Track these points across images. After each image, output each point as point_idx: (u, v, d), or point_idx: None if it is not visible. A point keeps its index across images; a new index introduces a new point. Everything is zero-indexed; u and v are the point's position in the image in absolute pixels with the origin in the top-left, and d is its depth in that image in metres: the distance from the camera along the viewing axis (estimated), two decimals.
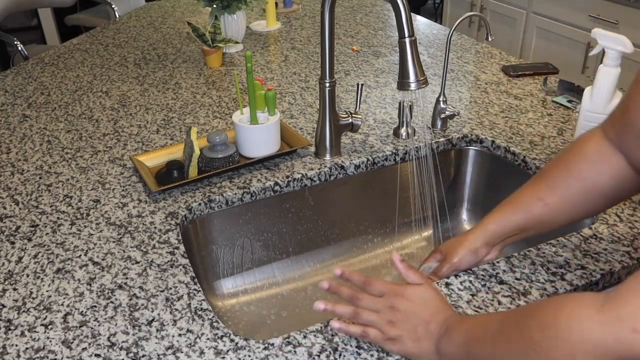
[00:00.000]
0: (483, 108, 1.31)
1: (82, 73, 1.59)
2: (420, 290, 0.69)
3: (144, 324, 0.75)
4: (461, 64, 1.57)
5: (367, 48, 1.72)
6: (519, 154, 1.12)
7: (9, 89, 1.50)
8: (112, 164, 1.12)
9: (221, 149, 1.07)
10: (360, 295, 0.69)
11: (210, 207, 1.01)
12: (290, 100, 1.38)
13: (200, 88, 1.46)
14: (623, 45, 0.96)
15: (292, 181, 1.06)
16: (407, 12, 0.85)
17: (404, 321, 0.66)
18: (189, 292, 0.80)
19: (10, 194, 1.03)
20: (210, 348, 0.71)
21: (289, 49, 1.75)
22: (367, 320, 0.67)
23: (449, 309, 0.68)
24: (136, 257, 0.87)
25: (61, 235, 0.92)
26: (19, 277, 0.83)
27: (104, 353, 0.70)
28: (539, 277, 0.81)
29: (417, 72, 0.87)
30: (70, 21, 3.37)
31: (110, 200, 1.00)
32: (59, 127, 1.28)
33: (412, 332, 0.66)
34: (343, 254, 1.18)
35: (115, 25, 2.04)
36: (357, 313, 0.68)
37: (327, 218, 1.15)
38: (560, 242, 0.87)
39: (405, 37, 0.86)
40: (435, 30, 1.87)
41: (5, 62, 3.13)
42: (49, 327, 0.74)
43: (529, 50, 2.82)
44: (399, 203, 1.21)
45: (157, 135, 1.23)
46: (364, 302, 0.69)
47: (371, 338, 0.67)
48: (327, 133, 1.09)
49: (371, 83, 1.46)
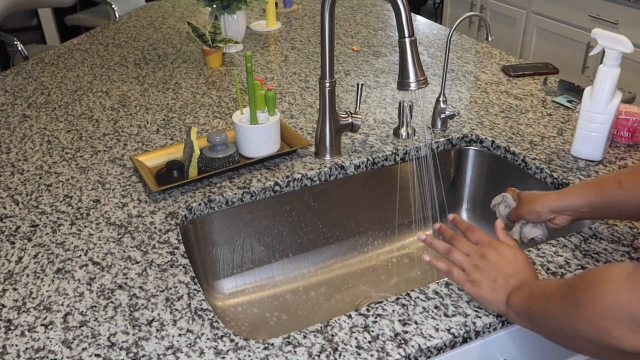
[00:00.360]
0: (483, 108, 1.31)
1: (82, 73, 1.59)
2: (513, 250, 0.76)
3: (144, 324, 0.75)
4: (461, 64, 1.57)
5: (367, 48, 1.72)
6: (519, 154, 1.12)
7: (9, 89, 1.50)
8: (112, 164, 1.12)
9: (221, 149, 1.07)
10: (459, 237, 0.78)
11: (210, 207, 1.01)
12: (290, 100, 1.38)
13: (200, 88, 1.46)
14: (623, 45, 0.96)
15: (292, 181, 1.06)
16: (407, 12, 0.85)
17: (489, 269, 0.74)
18: (189, 292, 0.80)
19: (10, 194, 1.03)
20: (210, 348, 0.71)
21: (289, 49, 1.75)
22: (456, 260, 0.76)
23: (531, 272, 0.74)
24: (136, 257, 0.87)
25: (61, 235, 0.92)
26: (19, 277, 0.83)
27: (104, 353, 0.70)
28: (539, 277, 0.81)
29: (417, 72, 0.87)
30: (70, 21, 3.37)
31: (110, 200, 1.00)
32: (59, 127, 1.28)
33: (492, 281, 0.73)
34: (343, 254, 1.18)
35: (115, 25, 2.04)
36: (450, 250, 0.77)
37: (327, 218, 1.15)
38: (560, 242, 0.87)
39: (405, 37, 0.86)
40: (435, 30, 1.87)
41: (5, 62, 3.13)
42: (49, 327, 0.74)
43: (529, 50, 2.82)
44: (399, 203, 1.21)
45: (157, 135, 1.23)
46: (459, 244, 0.78)
47: (454, 277, 0.76)
48: (327, 133, 1.09)
49: (371, 83, 1.46)
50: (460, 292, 0.79)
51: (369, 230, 1.21)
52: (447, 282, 0.81)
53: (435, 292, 0.79)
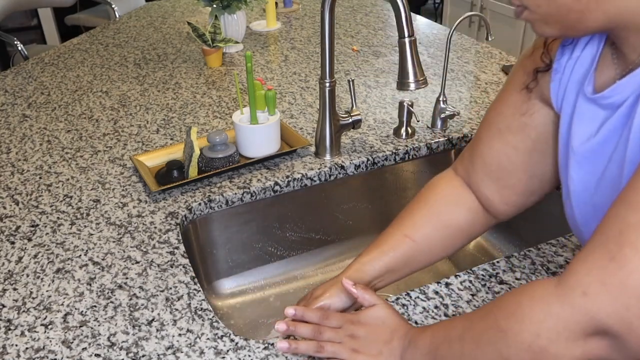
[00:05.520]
0: (483, 108, 1.30)
1: (82, 73, 1.59)
2: (375, 312, 0.70)
3: (144, 323, 0.75)
4: (461, 64, 1.57)
5: (367, 48, 1.72)
6: None
7: (9, 89, 1.50)
8: (112, 164, 1.12)
9: (221, 149, 1.07)
10: (321, 329, 0.69)
11: (210, 207, 1.01)
12: (290, 100, 1.38)
13: (200, 88, 1.46)
14: None
15: (292, 181, 1.06)
16: (407, 12, 0.85)
17: (367, 346, 0.67)
18: (189, 292, 0.80)
19: (10, 194, 1.03)
20: (210, 348, 0.71)
21: (289, 49, 1.75)
22: (332, 353, 0.67)
23: (406, 324, 0.69)
24: (136, 257, 0.87)
25: (61, 235, 0.92)
26: (19, 277, 0.83)
27: (104, 353, 0.70)
28: (539, 277, 0.81)
29: (417, 72, 0.87)
30: (70, 21, 3.37)
31: (110, 200, 1.00)
32: (59, 127, 1.28)
33: (377, 355, 0.66)
34: (343, 254, 1.18)
35: (115, 25, 2.04)
36: (321, 347, 0.68)
37: (327, 218, 1.15)
38: (560, 242, 0.88)
39: (405, 37, 0.86)
40: (435, 30, 1.87)
41: (5, 62, 3.13)
42: (49, 327, 0.74)
43: None
44: (399, 203, 1.21)
45: (157, 135, 1.23)
46: (326, 335, 0.69)
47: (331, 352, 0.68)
48: (327, 133, 1.09)
49: (371, 83, 1.46)
50: (461, 292, 0.79)
51: (369, 230, 1.21)
52: (447, 282, 0.81)
53: (435, 292, 0.79)
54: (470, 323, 0.59)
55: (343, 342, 0.68)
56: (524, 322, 0.52)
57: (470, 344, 0.57)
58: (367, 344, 0.67)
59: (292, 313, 0.70)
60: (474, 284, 0.80)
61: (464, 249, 1.21)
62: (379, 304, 0.71)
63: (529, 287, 0.54)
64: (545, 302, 0.51)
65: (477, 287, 0.80)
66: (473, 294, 0.78)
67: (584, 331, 0.49)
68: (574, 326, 0.49)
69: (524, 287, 0.54)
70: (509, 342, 0.53)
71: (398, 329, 0.68)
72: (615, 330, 0.47)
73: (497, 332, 0.54)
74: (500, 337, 0.54)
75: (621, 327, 0.47)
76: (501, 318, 0.54)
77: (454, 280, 0.81)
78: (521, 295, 0.54)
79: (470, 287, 0.80)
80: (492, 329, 0.55)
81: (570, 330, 0.49)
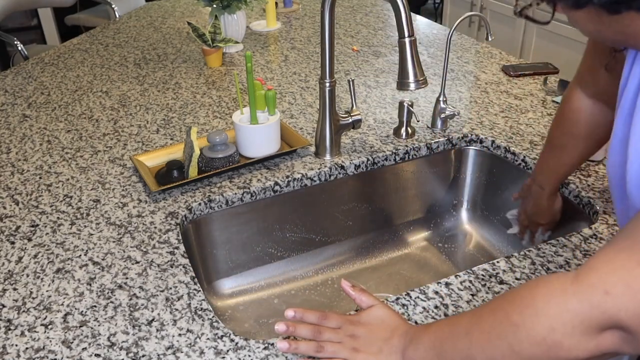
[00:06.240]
0: (483, 108, 1.30)
1: (82, 73, 1.59)
2: (374, 312, 0.70)
3: (144, 323, 0.75)
4: (461, 64, 1.57)
5: (367, 48, 1.72)
6: (519, 154, 1.12)
7: (9, 89, 1.50)
8: (112, 164, 1.12)
9: (221, 149, 1.07)
10: (321, 329, 0.69)
11: (210, 207, 1.01)
12: (290, 100, 1.38)
13: (200, 88, 1.46)
14: None
15: (292, 181, 1.06)
16: (407, 12, 0.85)
17: (367, 344, 0.67)
18: (189, 292, 0.80)
19: (10, 194, 1.03)
20: (210, 348, 0.71)
21: (289, 49, 1.75)
22: (332, 352, 0.67)
23: (405, 323, 0.69)
24: (136, 257, 0.87)
25: (61, 235, 0.92)
26: (19, 277, 0.83)
27: (104, 353, 0.70)
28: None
29: (417, 72, 0.87)
30: (70, 21, 3.37)
31: (110, 200, 1.00)
32: (59, 127, 1.28)
33: (377, 352, 0.66)
34: (343, 254, 1.18)
35: (115, 25, 2.04)
36: (321, 347, 0.68)
37: (327, 218, 1.15)
38: (560, 242, 0.87)
39: (405, 37, 0.86)
40: (435, 30, 1.87)
41: (5, 62, 3.13)
42: (49, 327, 0.74)
43: (529, 50, 2.82)
44: (399, 203, 1.21)
45: (157, 135, 1.23)
46: (325, 336, 0.69)
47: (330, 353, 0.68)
48: (327, 133, 1.09)
49: (371, 83, 1.46)
50: (461, 292, 0.79)
51: (369, 230, 1.21)
52: (447, 282, 0.81)
53: (435, 292, 0.79)
54: (477, 318, 0.58)
55: (343, 341, 0.68)
56: (538, 316, 0.52)
57: (479, 338, 0.57)
58: (367, 343, 0.67)
59: (291, 315, 0.70)
60: (473, 284, 0.80)
61: (464, 249, 1.21)
62: (377, 305, 0.71)
63: (543, 281, 0.54)
64: (561, 297, 0.51)
65: (477, 287, 0.80)
66: (473, 294, 0.78)
67: (600, 326, 0.50)
68: (590, 321, 0.50)
69: (538, 281, 0.54)
70: (521, 335, 0.53)
71: (398, 327, 0.68)
72: (633, 329, 0.48)
73: (508, 326, 0.54)
74: (512, 331, 0.53)
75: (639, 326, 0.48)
76: (513, 312, 0.54)
77: (454, 280, 0.81)
78: (535, 289, 0.54)
79: (470, 287, 0.80)
80: (503, 323, 0.55)
81: (586, 325, 0.50)
